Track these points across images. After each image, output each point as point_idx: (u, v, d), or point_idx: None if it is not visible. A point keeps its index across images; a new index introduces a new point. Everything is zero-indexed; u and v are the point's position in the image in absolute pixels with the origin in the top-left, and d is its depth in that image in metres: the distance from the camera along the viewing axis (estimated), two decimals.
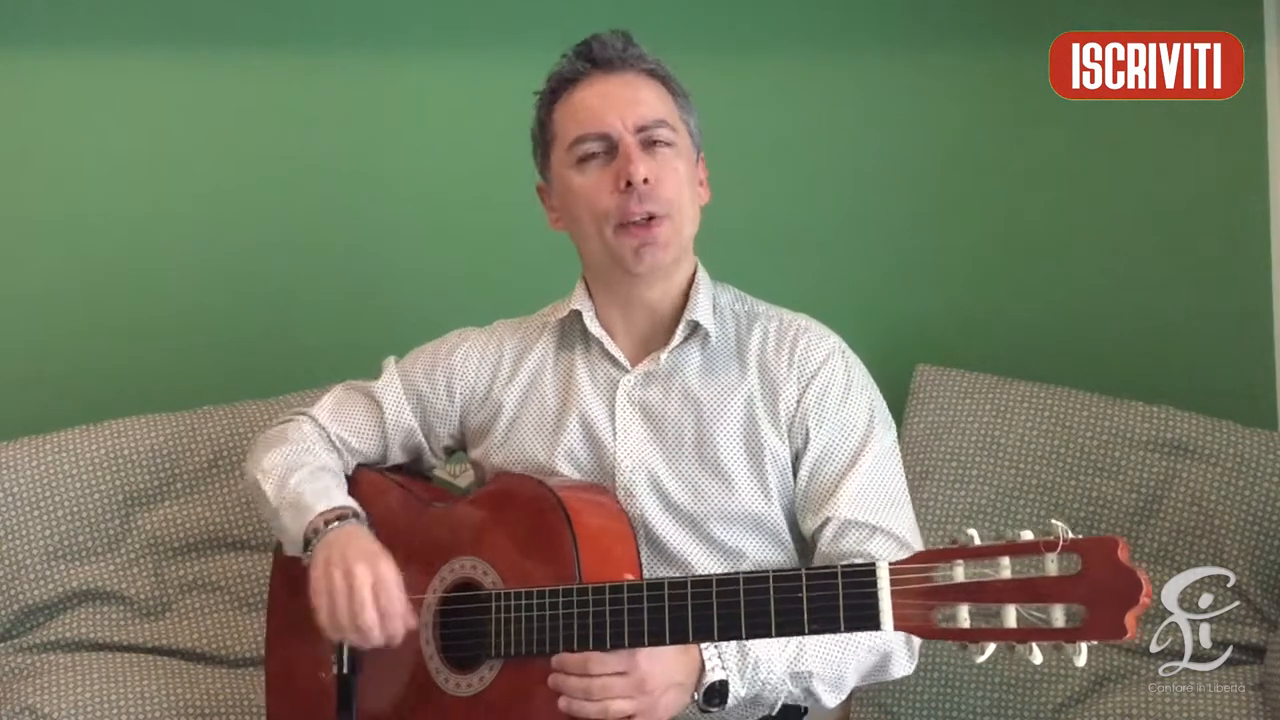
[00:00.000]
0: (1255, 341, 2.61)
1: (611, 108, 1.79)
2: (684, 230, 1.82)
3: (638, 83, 1.83)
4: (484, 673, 1.74)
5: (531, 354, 1.92)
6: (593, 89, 1.82)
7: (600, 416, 1.85)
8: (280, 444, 1.93)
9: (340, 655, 1.87)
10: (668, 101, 1.84)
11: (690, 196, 1.83)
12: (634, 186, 1.76)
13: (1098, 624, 1.36)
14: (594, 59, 1.82)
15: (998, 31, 2.64)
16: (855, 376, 1.85)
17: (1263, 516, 2.27)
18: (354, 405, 1.97)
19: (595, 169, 1.80)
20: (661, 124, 1.81)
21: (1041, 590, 1.38)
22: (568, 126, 1.82)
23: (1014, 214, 2.66)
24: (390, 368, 1.99)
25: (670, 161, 1.80)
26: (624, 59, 1.82)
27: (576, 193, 1.81)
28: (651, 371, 1.85)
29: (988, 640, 1.40)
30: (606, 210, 1.78)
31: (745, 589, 1.54)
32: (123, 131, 2.57)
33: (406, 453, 1.98)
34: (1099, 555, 1.37)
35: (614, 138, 1.79)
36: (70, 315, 2.57)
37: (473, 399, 1.93)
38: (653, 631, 1.59)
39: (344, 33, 2.58)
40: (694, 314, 1.83)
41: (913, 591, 1.45)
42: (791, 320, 1.88)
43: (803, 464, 1.80)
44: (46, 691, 2.22)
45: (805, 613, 1.50)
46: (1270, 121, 2.59)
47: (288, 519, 1.84)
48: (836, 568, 1.50)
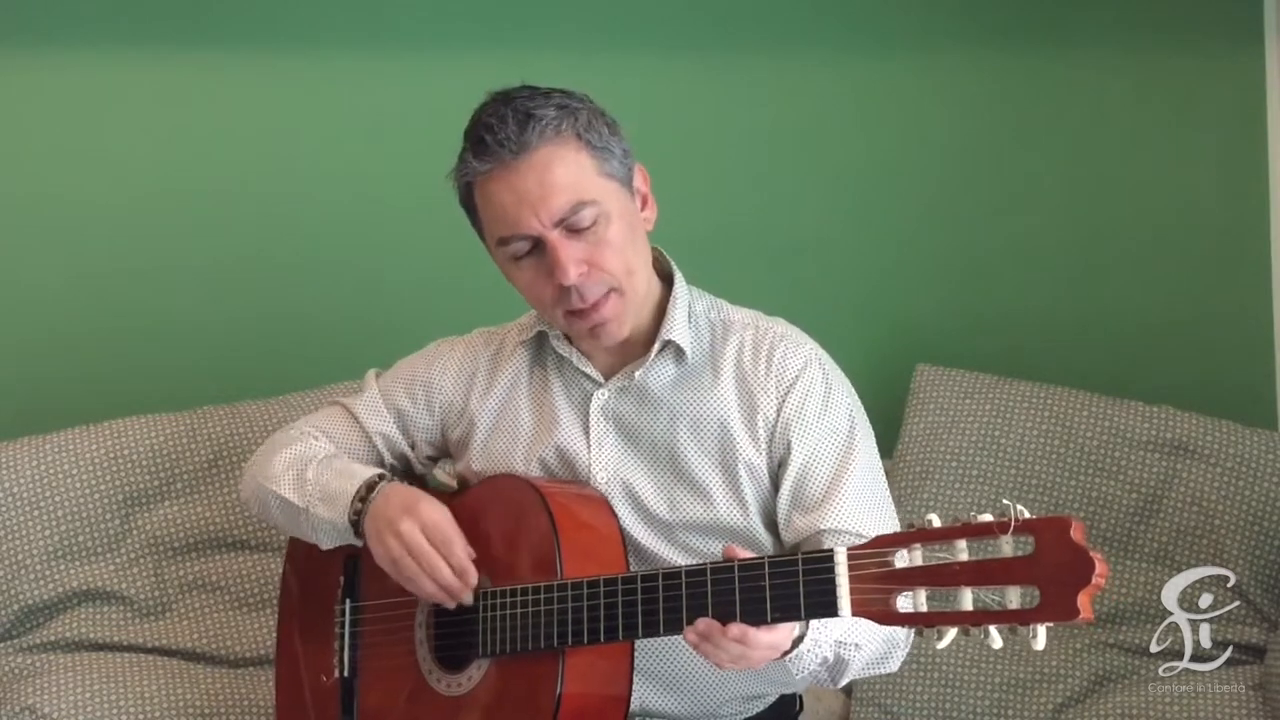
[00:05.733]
0: (1255, 341, 2.62)
1: (524, 206, 1.69)
2: (638, 289, 1.77)
3: (547, 164, 1.69)
4: (472, 672, 1.75)
5: (506, 367, 1.91)
6: (501, 184, 1.70)
7: (574, 430, 1.84)
8: (280, 450, 1.93)
9: (341, 659, 1.88)
10: (583, 168, 1.71)
11: (634, 249, 1.76)
12: (568, 287, 1.72)
13: (1051, 605, 1.34)
14: (490, 155, 1.70)
15: (998, 31, 2.64)
16: (834, 383, 1.82)
17: (1263, 516, 2.27)
18: (341, 422, 1.96)
19: (529, 265, 1.74)
20: (579, 206, 1.69)
21: (996, 572, 1.37)
22: (491, 225, 1.75)
23: (1014, 214, 2.66)
24: (371, 385, 1.97)
25: (602, 237, 1.72)
26: (521, 144, 1.68)
27: (518, 284, 1.78)
28: (625, 386, 1.83)
29: (944, 624, 1.39)
30: (552, 299, 1.74)
31: (712, 579, 1.55)
32: (123, 131, 2.57)
33: (396, 460, 1.98)
34: (1051, 535, 1.35)
35: (536, 236, 1.71)
36: (70, 315, 2.57)
37: (450, 412, 1.92)
38: (626, 625, 1.61)
39: (344, 33, 2.58)
40: (670, 334, 1.80)
41: (871, 576, 1.44)
42: (768, 328, 1.84)
43: (786, 474, 1.78)
44: (46, 691, 2.21)
45: (768, 600, 1.51)
46: (1270, 121, 2.60)
47: (322, 511, 1.83)
48: (798, 555, 1.50)
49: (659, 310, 1.83)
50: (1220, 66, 2.61)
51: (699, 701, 1.81)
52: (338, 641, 1.89)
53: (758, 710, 1.86)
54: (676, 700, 1.81)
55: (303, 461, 1.88)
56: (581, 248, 1.71)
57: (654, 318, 1.83)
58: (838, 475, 1.77)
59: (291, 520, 1.89)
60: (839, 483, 1.76)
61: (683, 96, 2.58)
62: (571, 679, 1.66)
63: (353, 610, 1.90)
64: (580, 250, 1.71)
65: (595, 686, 1.69)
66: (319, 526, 1.85)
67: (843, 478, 1.77)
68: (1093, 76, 2.63)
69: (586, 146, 1.72)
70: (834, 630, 1.63)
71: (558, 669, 1.66)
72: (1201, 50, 2.61)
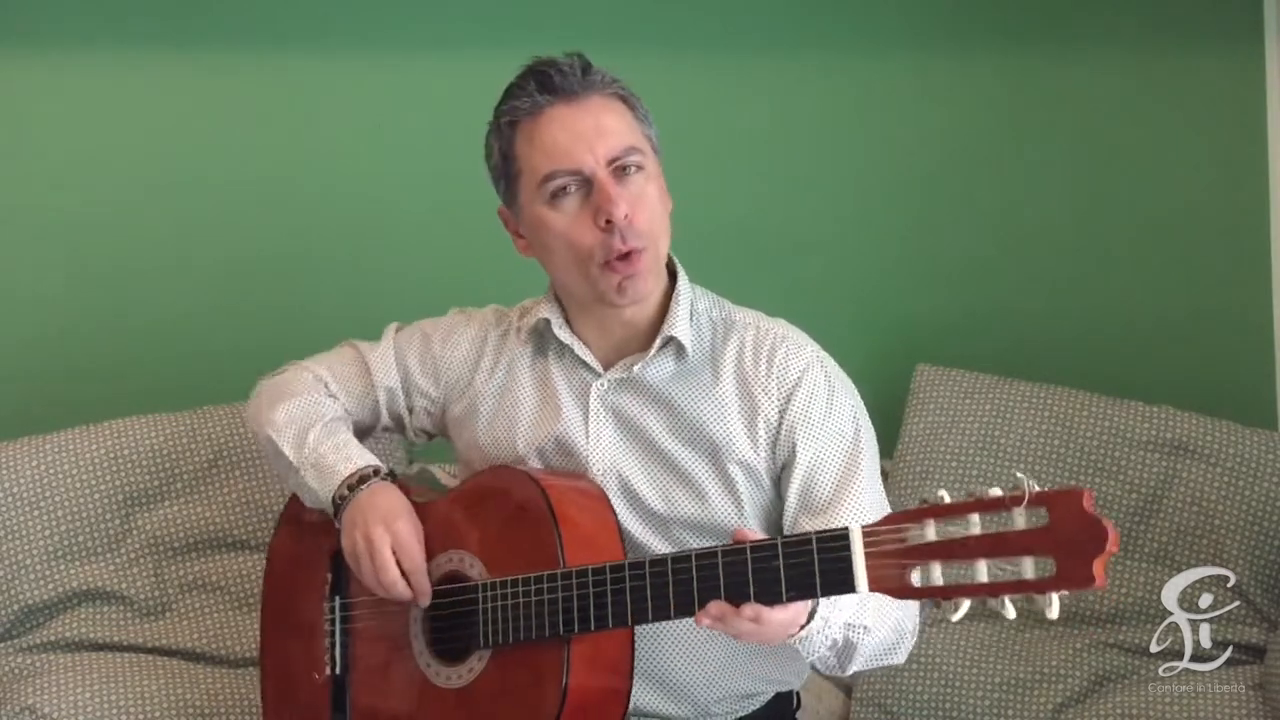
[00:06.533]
0: (1255, 341, 2.62)
1: (580, 141, 1.74)
2: (662, 254, 1.80)
3: (601, 109, 1.76)
4: (473, 663, 1.75)
5: (510, 348, 1.92)
6: (556, 121, 1.75)
7: (574, 418, 1.84)
8: (287, 398, 1.94)
9: (333, 655, 1.88)
10: (631, 123, 1.78)
11: (663, 216, 1.80)
12: (615, 224, 1.73)
13: (1067, 574, 1.36)
14: (554, 89, 1.75)
15: (998, 32, 2.64)
16: (836, 385, 1.83)
17: (1263, 516, 2.27)
18: (350, 366, 1.98)
19: (571, 206, 1.76)
20: (631, 151, 1.75)
21: (1011, 543, 1.39)
22: (536, 162, 1.76)
23: (1014, 214, 2.66)
24: (389, 338, 1.99)
25: (643, 188, 1.76)
26: (585, 85, 1.76)
27: (553, 229, 1.77)
28: (623, 379, 1.84)
29: (961, 596, 1.41)
30: (590, 248, 1.75)
31: (724, 561, 1.56)
32: (122, 131, 2.57)
33: (392, 420, 1.99)
34: (1065, 506, 1.37)
35: (587, 173, 1.74)
36: (70, 315, 2.57)
37: (455, 389, 1.94)
38: (636, 610, 1.62)
39: (345, 33, 2.58)
40: (672, 329, 1.81)
41: (886, 552, 1.46)
42: (769, 329, 1.85)
43: (792, 477, 1.79)
44: (46, 691, 2.22)
45: (783, 581, 1.52)
46: (1270, 121, 2.59)
47: (311, 479, 1.87)
48: (811, 534, 1.51)
49: (662, 305, 1.84)
50: (1220, 66, 2.61)
51: (692, 701, 1.82)
52: (328, 639, 1.90)
53: (753, 709, 1.87)
54: (669, 700, 1.81)
55: (308, 420, 1.91)
56: (627, 195, 1.74)
57: (657, 312, 1.84)
58: (845, 477, 1.78)
59: (283, 470, 1.93)
60: (847, 484, 1.78)
61: (683, 96, 2.57)
62: (578, 668, 1.67)
63: (342, 607, 1.90)
64: (626, 196, 1.74)
65: (599, 678, 1.70)
66: (304, 490, 1.89)
67: (851, 479, 1.78)
68: (1092, 76, 2.63)
69: (632, 110, 1.80)
70: (844, 612, 1.65)
71: (563, 658, 1.67)
72: (1201, 50, 2.60)
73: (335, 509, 1.85)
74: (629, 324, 1.84)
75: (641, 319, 1.83)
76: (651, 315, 1.84)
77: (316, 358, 2.01)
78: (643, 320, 1.83)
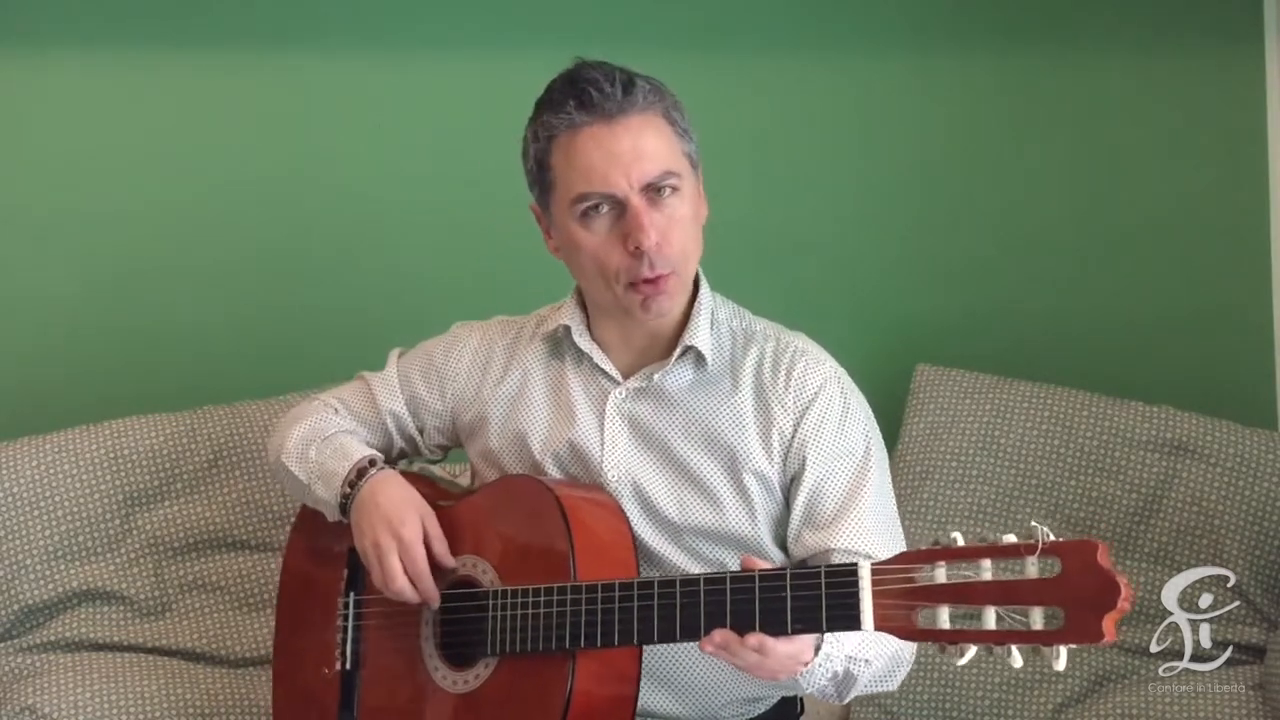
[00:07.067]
0: (1255, 341, 2.62)
1: (616, 164, 1.71)
2: (690, 272, 1.80)
3: (641, 129, 1.73)
4: (480, 670, 1.75)
5: (521, 358, 1.91)
6: (593, 141, 1.72)
7: (589, 426, 1.84)
8: (298, 422, 1.95)
9: (344, 651, 1.88)
10: (671, 142, 1.76)
11: (695, 236, 1.78)
12: (645, 251, 1.72)
13: (1075, 627, 1.35)
14: (592, 107, 1.71)
15: (998, 32, 2.64)
16: (852, 404, 1.83)
17: (1263, 516, 2.27)
18: (358, 395, 1.99)
19: (601, 226, 1.74)
20: (668, 175, 1.73)
21: (1021, 592, 1.38)
22: (570, 179, 1.74)
23: (1014, 214, 2.66)
24: (392, 364, 2.00)
25: (676, 211, 1.74)
26: (624, 105, 1.72)
27: (583, 247, 1.76)
28: (643, 388, 1.84)
29: (967, 642, 1.40)
30: (616, 269, 1.74)
31: (731, 588, 1.55)
32: (122, 131, 2.57)
33: (405, 442, 2.00)
34: (1078, 559, 1.36)
35: (620, 197, 1.72)
36: (70, 316, 2.57)
37: (463, 399, 1.94)
38: (642, 631, 1.62)
39: (346, 33, 2.58)
40: (693, 340, 1.81)
41: (894, 592, 1.45)
42: (789, 342, 1.85)
43: (799, 490, 1.78)
44: (46, 691, 2.22)
45: (789, 611, 1.51)
46: (1270, 122, 2.59)
47: (320, 490, 1.88)
48: (820, 568, 1.51)
49: (684, 314, 1.84)
50: (1220, 66, 2.61)
51: (699, 703, 1.82)
52: (340, 634, 1.90)
53: (759, 712, 1.87)
54: (677, 701, 1.81)
55: (311, 437, 1.92)
56: (659, 220, 1.73)
57: (679, 321, 1.84)
58: (850, 496, 1.78)
59: (299, 492, 1.93)
60: (851, 503, 1.77)
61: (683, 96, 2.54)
62: (582, 677, 1.67)
63: (356, 604, 1.90)
64: (658, 222, 1.73)
65: (605, 686, 1.69)
66: (319, 504, 1.90)
67: (855, 499, 1.77)
68: (1093, 76, 2.63)
69: (672, 125, 1.77)
70: (847, 645, 1.64)
71: (568, 668, 1.67)
72: (1201, 50, 2.60)
73: (343, 510, 1.85)
74: (651, 333, 1.84)
75: (664, 328, 1.83)
76: (674, 324, 1.83)
77: (329, 390, 2.03)
78: (665, 329, 1.83)
